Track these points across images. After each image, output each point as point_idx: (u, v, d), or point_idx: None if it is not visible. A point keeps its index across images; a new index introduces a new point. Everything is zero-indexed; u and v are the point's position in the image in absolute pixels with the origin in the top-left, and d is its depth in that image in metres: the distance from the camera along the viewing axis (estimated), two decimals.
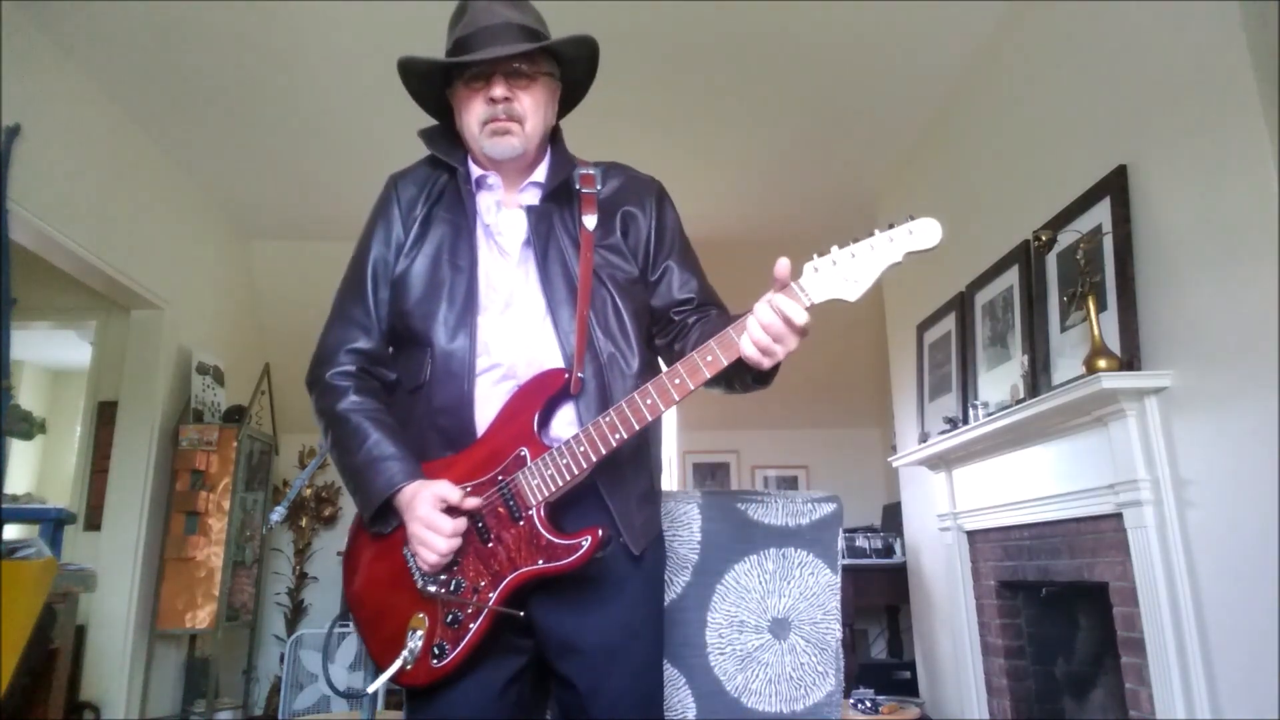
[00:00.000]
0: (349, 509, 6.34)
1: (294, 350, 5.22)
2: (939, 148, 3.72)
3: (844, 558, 1.73)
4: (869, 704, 3.60)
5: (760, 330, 1.09)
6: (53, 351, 5.84)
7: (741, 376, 1.20)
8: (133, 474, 3.90)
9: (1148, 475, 2.21)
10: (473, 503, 1.16)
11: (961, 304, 3.36)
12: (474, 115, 1.27)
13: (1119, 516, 2.30)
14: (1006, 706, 3.00)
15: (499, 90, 1.24)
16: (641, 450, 1.27)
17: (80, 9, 2.97)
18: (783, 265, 1.10)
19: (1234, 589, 1.98)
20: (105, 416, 4.28)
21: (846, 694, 3.66)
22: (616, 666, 1.20)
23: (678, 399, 1.13)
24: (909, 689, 4.09)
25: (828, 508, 1.53)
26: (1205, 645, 2.05)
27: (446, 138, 1.36)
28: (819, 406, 5.59)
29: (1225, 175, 2.02)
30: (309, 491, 5.49)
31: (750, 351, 1.09)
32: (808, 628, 1.47)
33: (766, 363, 1.10)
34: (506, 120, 1.25)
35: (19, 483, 5.65)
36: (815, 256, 1.11)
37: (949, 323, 3.49)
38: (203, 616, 4.00)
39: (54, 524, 2.94)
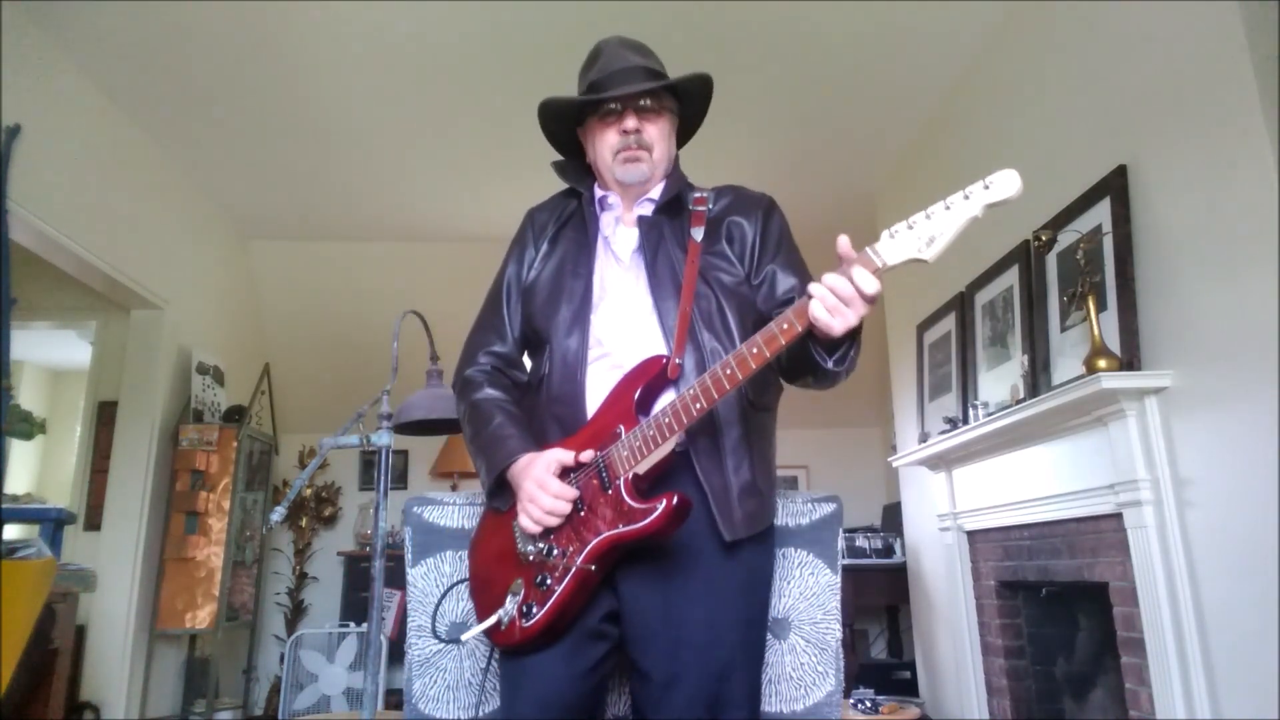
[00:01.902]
0: (349, 509, 6.35)
1: (294, 350, 5.27)
2: (938, 148, 3.72)
3: (844, 558, 1.72)
4: (869, 704, 3.60)
5: (824, 290, 1.11)
6: (53, 351, 5.84)
7: (821, 358, 1.20)
8: (133, 474, 3.90)
9: (1148, 475, 2.21)
10: (587, 455, 1.24)
11: (961, 304, 3.36)
12: (607, 145, 1.43)
13: (1119, 516, 2.30)
14: (1006, 706, 3.00)
15: (631, 123, 1.41)
16: (747, 441, 1.31)
17: (80, 9, 2.97)
18: (843, 241, 1.13)
19: (1234, 589, 1.98)
20: (105, 416, 4.29)
21: (846, 694, 3.66)
22: (693, 663, 1.22)
23: (755, 367, 1.16)
24: (909, 689, 4.09)
25: (828, 508, 1.52)
26: (1205, 645, 2.05)
27: (575, 169, 1.54)
28: (819, 406, 5.55)
29: (1225, 175, 2.02)
30: (309, 491, 5.48)
31: (819, 314, 1.11)
32: (808, 628, 1.47)
33: (837, 326, 1.11)
34: (637, 149, 1.42)
35: (19, 483, 5.64)
36: (895, 223, 1.11)
37: (949, 323, 3.49)
38: (203, 616, 4.00)
39: (54, 524, 2.94)
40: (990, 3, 3.01)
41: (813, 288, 1.12)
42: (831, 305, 1.10)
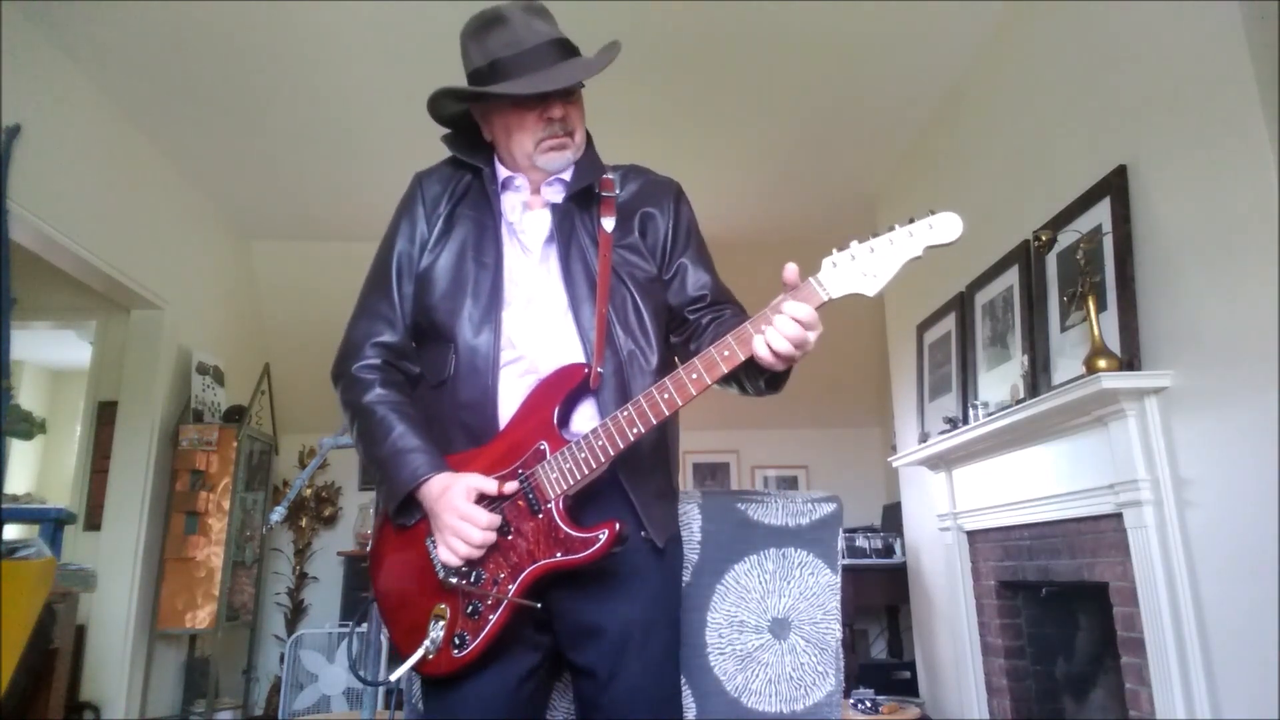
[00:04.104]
0: (349, 509, 6.34)
1: (294, 350, 5.26)
2: (938, 148, 3.72)
3: (844, 558, 1.72)
4: (869, 704, 3.60)
5: (773, 331, 1.08)
6: (53, 351, 5.84)
7: (754, 379, 1.20)
8: (133, 474, 3.90)
9: (1148, 475, 2.21)
10: (511, 487, 1.17)
11: (961, 304, 3.36)
12: (529, 133, 1.30)
13: (1119, 516, 2.30)
14: (1006, 706, 3.00)
15: (558, 111, 1.29)
16: (660, 447, 1.29)
17: (80, 9, 2.97)
18: (791, 270, 1.11)
19: (1234, 589, 1.98)
20: (105, 416, 4.28)
21: (846, 694, 3.66)
22: (635, 654, 1.21)
23: (695, 394, 1.13)
24: (909, 689, 4.09)
25: (828, 508, 1.53)
26: (1205, 645, 2.05)
27: (467, 141, 1.39)
28: (819, 406, 5.59)
29: (1225, 175, 2.02)
30: (309, 491, 5.48)
31: (763, 352, 1.09)
32: (808, 628, 1.47)
33: (780, 365, 1.10)
34: (564, 136, 1.30)
35: (19, 483, 5.64)
36: (835, 251, 1.10)
37: (949, 323, 3.49)
38: (203, 616, 4.00)
39: (54, 524, 2.94)
40: (991, 3, 3.01)
41: (770, 335, 1.09)
42: (785, 353, 1.09)
